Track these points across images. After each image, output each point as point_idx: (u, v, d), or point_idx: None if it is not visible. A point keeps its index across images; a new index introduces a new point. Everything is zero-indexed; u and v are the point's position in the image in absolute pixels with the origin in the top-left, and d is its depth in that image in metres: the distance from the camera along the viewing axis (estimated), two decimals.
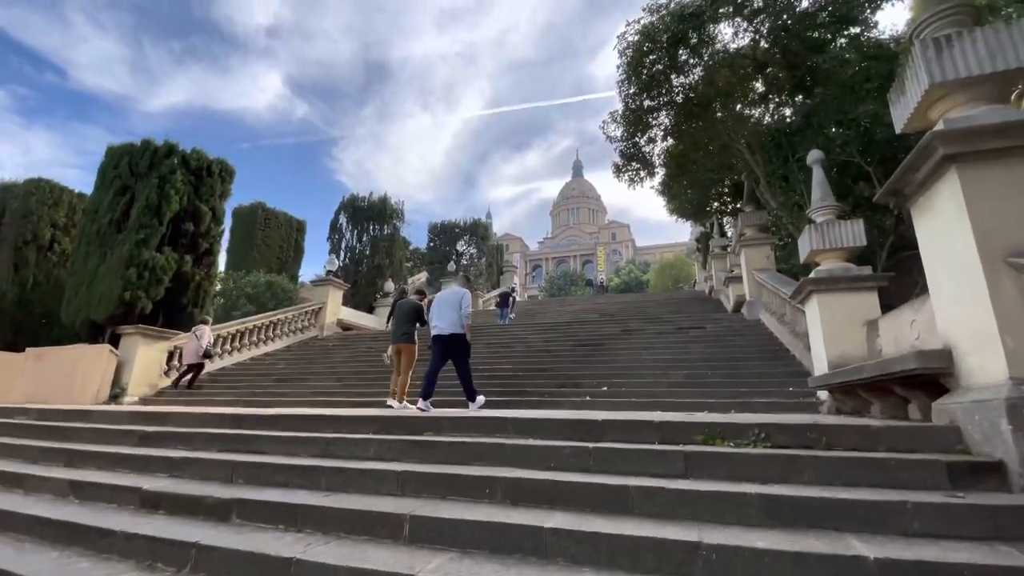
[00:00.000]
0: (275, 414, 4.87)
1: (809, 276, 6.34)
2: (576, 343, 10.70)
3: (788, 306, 8.86)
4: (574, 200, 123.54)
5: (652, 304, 20.54)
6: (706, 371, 7.91)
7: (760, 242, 11.68)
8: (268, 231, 21.09)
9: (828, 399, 5.92)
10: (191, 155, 12.31)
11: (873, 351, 5.69)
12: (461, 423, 4.09)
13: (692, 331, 10.74)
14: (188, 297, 12.05)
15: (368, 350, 12.54)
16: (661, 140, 12.22)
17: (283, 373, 11.20)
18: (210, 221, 12.40)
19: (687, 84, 10.95)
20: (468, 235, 28.45)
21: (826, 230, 6.36)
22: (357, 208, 19.63)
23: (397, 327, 7.19)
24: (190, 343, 10.49)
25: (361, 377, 9.99)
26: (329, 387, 9.60)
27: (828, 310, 6.10)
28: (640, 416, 4.08)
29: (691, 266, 57.90)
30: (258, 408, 8.55)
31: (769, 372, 7.57)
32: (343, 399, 8.58)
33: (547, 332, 12.63)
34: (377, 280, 19.15)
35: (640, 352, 9.38)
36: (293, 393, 9.42)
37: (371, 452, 3.82)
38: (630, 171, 12.99)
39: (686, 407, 6.45)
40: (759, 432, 3.33)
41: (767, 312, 10.52)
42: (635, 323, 12.66)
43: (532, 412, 5.26)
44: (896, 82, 3.92)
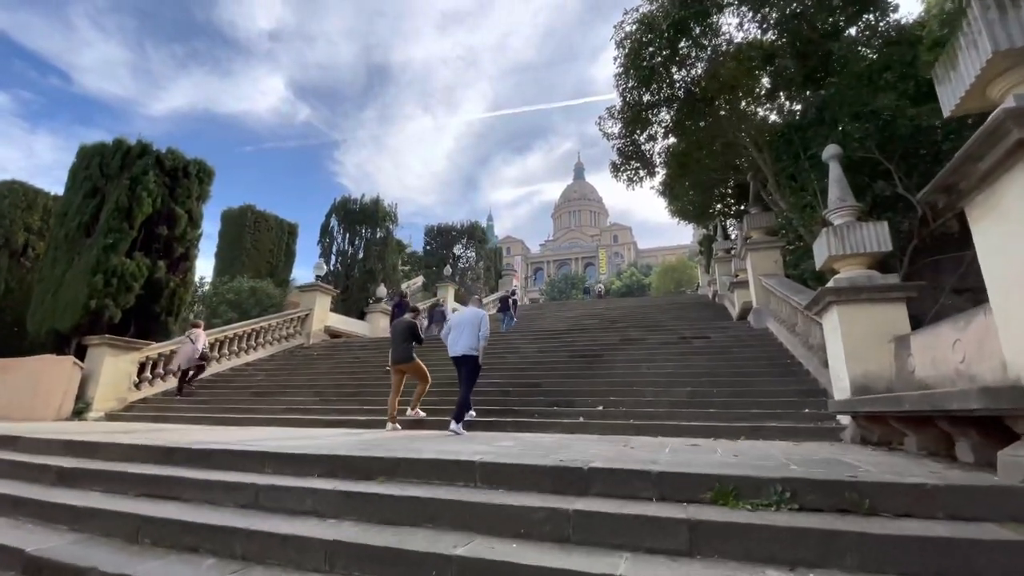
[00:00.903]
0: (211, 448, 4.20)
1: (828, 285, 5.66)
2: (572, 354, 10.02)
3: (800, 316, 8.16)
4: (575, 202, 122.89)
5: (654, 309, 19.82)
6: (711, 388, 7.21)
7: (767, 246, 10.97)
8: (258, 234, 20.46)
9: (851, 425, 5.22)
10: (166, 155, 11.66)
11: (903, 371, 4.99)
12: (421, 465, 3.41)
13: (696, 341, 10.04)
14: (162, 305, 11.40)
15: (354, 361, 11.89)
16: (662, 138, 11.52)
17: (261, 386, 10.54)
18: (186, 224, 11.75)
19: (689, 78, 10.28)
20: (465, 238, 27.78)
21: (846, 233, 5.67)
22: (349, 210, 18.98)
23: (394, 347, 7.16)
24: (184, 347, 10.28)
25: (340, 391, 9.32)
26: (305, 402, 8.93)
27: (850, 323, 5.41)
28: (635, 461, 3.39)
29: (693, 269, 57.06)
30: (226, 427, 7.93)
31: (781, 390, 6.87)
32: (317, 416, 7.91)
33: (543, 341, 11.95)
34: (369, 285, 18.49)
35: (640, 365, 8.69)
36: (266, 409, 8.76)
37: (307, 505, 3.15)
38: (629, 170, 12.27)
39: (689, 432, 5.76)
40: (782, 489, 2.64)
41: (776, 320, 9.81)
42: (636, 331, 11.96)
43: (510, 445, 4.58)
44: (945, 55, 3.24)
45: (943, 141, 7.00)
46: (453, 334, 6.53)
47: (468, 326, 6.45)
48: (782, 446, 4.79)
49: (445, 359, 9.93)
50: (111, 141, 11.48)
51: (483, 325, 6.45)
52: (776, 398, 6.61)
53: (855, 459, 3.65)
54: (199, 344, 10.32)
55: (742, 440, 5.36)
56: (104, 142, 11.59)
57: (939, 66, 3.31)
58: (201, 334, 10.49)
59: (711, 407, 6.52)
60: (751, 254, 11.11)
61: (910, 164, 7.48)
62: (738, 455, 3.82)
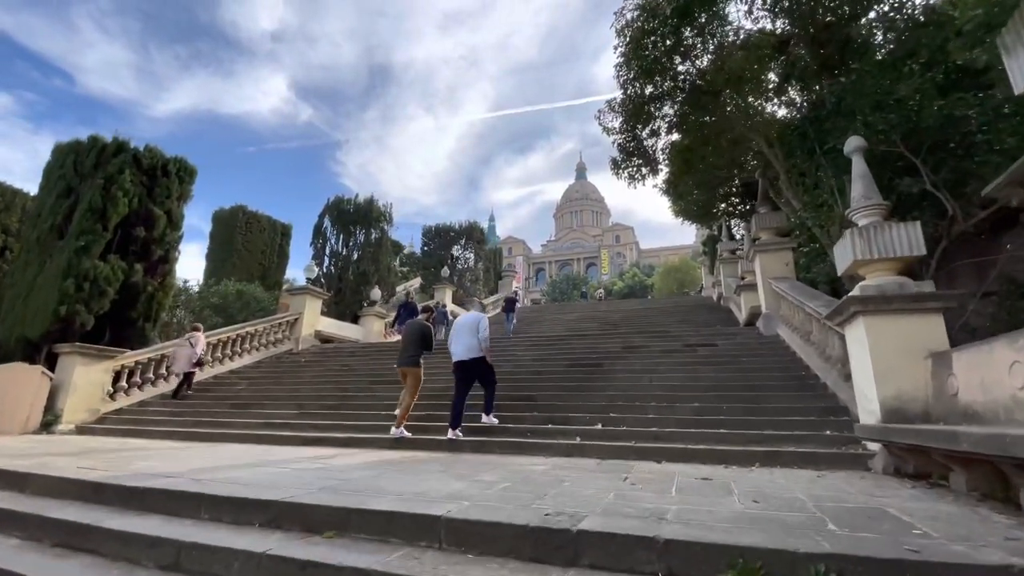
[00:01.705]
0: (145, 487, 3.64)
1: (853, 293, 5.06)
2: (571, 363, 9.43)
3: (815, 323, 7.56)
4: (577, 202, 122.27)
5: (657, 312, 19.22)
6: (720, 403, 6.61)
7: (778, 247, 10.36)
8: (250, 235, 19.92)
9: (882, 453, 4.62)
10: (144, 153, 11.08)
11: (942, 393, 4.40)
12: (378, 519, 2.84)
13: (702, 349, 9.45)
14: (139, 310, 10.84)
15: (341, 369, 11.32)
16: (665, 133, 10.89)
17: (241, 397, 9.98)
18: (165, 225, 11.18)
19: (694, 70, 9.66)
20: (464, 239, 27.18)
21: (873, 235, 5.07)
22: (342, 211, 18.41)
23: (403, 349, 7.01)
24: (183, 350, 10.10)
25: (323, 403, 8.75)
26: (285, 416, 8.36)
27: (879, 336, 4.81)
28: (636, 515, 2.80)
29: (696, 270, 56.33)
30: (195, 444, 7.39)
31: (797, 407, 6.27)
32: (294, 433, 7.35)
33: (540, 348, 11.36)
34: (362, 287, 17.93)
35: (642, 376, 8.10)
36: (242, 424, 8.20)
37: (234, 571, 2.57)
38: (630, 167, 11.62)
39: (697, 457, 5.18)
40: (825, 570, 2.05)
41: (787, 327, 9.21)
42: (638, 337, 11.37)
43: (492, 481, 4.00)
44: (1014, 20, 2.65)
45: (976, 133, 6.40)
46: (454, 340, 6.63)
47: (466, 330, 6.57)
48: (805, 479, 4.20)
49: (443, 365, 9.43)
50: (86, 138, 10.94)
51: (481, 327, 6.52)
52: (792, 416, 6.01)
53: (900, 507, 3.06)
54: (198, 348, 10.14)
55: (756, 468, 4.78)
56: (79, 140, 11.02)
57: (1007, 34, 2.72)
58: (200, 337, 10.34)
59: (721, 426, 5.92)
60: (760, 256, 10.51)
61: (938, 159, 6.86)
62: (759, 500, 3.23)
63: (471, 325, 6.61)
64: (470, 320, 6.72)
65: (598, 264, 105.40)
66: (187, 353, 10.08)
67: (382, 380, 9.81)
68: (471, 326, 6.60)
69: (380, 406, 8.14)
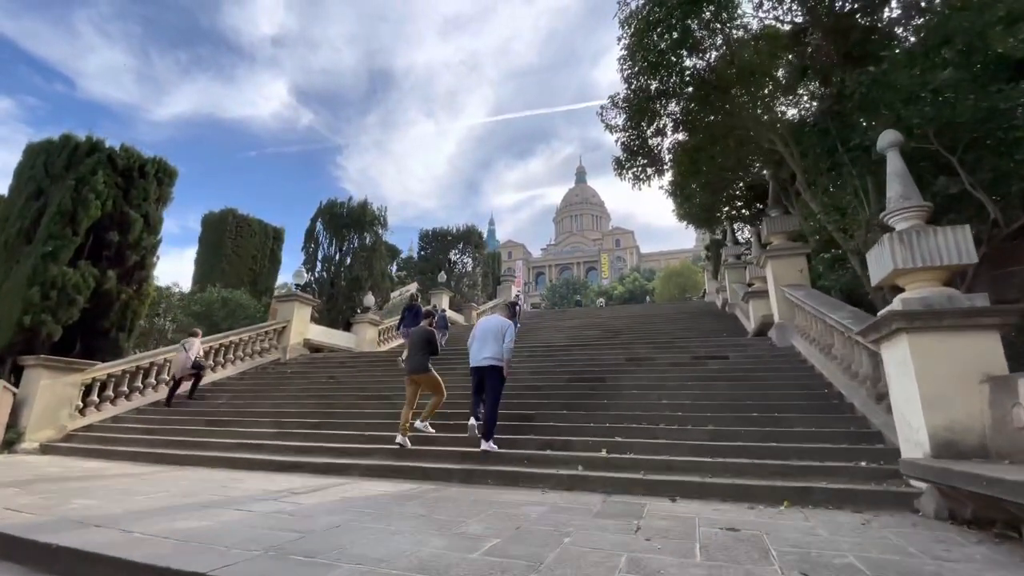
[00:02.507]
0: (57, 546, 3.01)
1: (894, 307, 4.45)
2: (572, 377, 8.80)
3: (838, 336, 6.94)
4: (577, 206, 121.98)
5: (660, 319, 18.60)
6: (737, 425, 5.99)
7: (791, 253, 9.75)
8: (240, 240, 19.31)
9: (932, 494, 3.98)
10: (119, 153, 10.45)
11: (1004, 425, 3.77)
12: None
13: (712, 362, 8.82)
14: (112, 319, 10.19)
15: (327, 382, 10.69)
16: (672, 132, 10.26)
17: (219, 412, 9.34)
18: (141, 230, 10.55)
19: (703, 64, 9.08)
20: (461, 243, 26.57)
21: (916, 241, 4.46)
22: (335, 214, 17.82)
23: (410, 356, 6.83)
24: (179, 355, 9.99)
25: (303, 421, 8.10)
26: (262, 435, 7.73)
27: (927, 358, 4.19)
28: None
29: (698, 274, 55.74)
30: (160, 467, 6.76)
31: (823, 431, 5.64)
32: (268, 456, 6.71)
33: (538, 359, 10.75)
34: (355, 293, 17.30)
35: (649, 393, 7.47)
36: (215, 444, 7.56)
37: None
38: (635, 167, 10.95)
39: (717, 493, 4.55)
40: None
41: (803, 339, 8.60)
42: (642, 347, 10.76)
43: (477, 534, 3.37)
44: None
45: (1019, 128, 5.79)
46: (476, 344, 6.29)
47: (492, 335, 6.21)
48: (848, 527, 3.57)
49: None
50: (58, 137, 10.34)
51: (508, 335, 6.21)
52: (819, 443, 5.38)
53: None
54: (192, 352, 9.95)
55: (786, 509, 4.15)
56: (52, 138, 10.42)
57: None
58: (196, 342, 10.18)
59: (740, 454, 5.29)
60: (772, 262, 9.89)
61: (976, 156, 6.25)
62: (808, 574, 2.60)
63: (497, 331, 6.24)
64: (498, 325, 6.32)
65: (598, 268, 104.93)
66: (181, 359, 9.94)
67: (370, 395, 9.20)
68: (498, 332, 6.23)
69: (364, 425, 7.53)
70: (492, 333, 6.27)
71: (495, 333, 6.26)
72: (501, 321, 6.41)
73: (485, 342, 6.24)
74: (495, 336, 6.23)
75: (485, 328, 6.39)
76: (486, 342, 6.23)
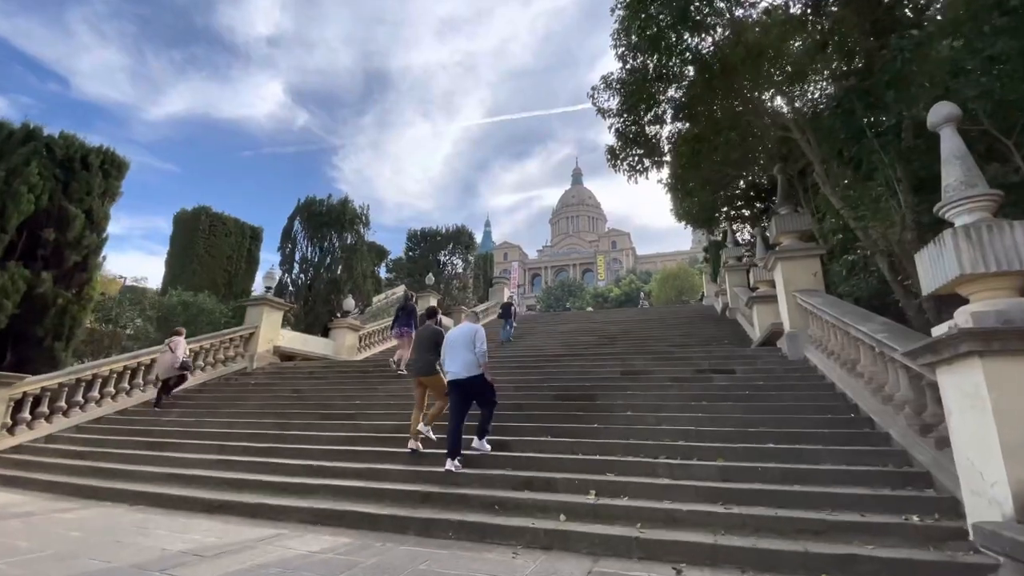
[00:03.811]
0: None
1: (964, 324, 3.48)
2: (560, 394, 7.80)
3: (866, 351, 5.98)
4: (573, 208, 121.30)
5: (658, 324, 17.65)
6: (752, 460, 5.01)
7: (804, 254, 8.79)
8: (213, 239, 18.21)
9: (1012, 568, 3.02)
10: (58, 141, 9.40)
11: None
12: None
13: (717, 377, 7.84)
14: (46, 326, 9.13)
15: (290, 396, 9.65)
16: (671, 120, 9.28)
17: (162, 431, 8.28)
18: (83, 227, 9.47)
19: (707, 44, 8.12)
20: (451, 244, 25.53)
21: (988, 238, 3.47)
22: (313, 213, 16.79)
23: (417, 357, 6.51)
24: (164, 356, 9.66)
25: (251, 446, 7.05)
26: (200, 463, 6.70)
27: (1010, 390, 3.23)
28: None
29: (695, 276, 54.90)
30: (73, 502, 5.73)
31: (857, 470, 4.66)
32: (195, 494, 5.69)
33: (525, 370, 9.74)
34: (332, 296, 16.27)
35: (647, 415, 6.47)
36: (143, 475, 6.53)
37: None
38: (630, 158, 9.92)
39: (734, 559, 3.57)
40: None
41: (820, 351, 7.64)
42: (639, 359, 9.77)
43: None
44: None
45: None
46: (448, 356, 5.91)
47: (461, 344, 5.84)
48: None
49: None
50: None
51: (478, 340, 5.81)
52: (855, 487, 4.41)
53: None
54: (179, 352, 9.65)
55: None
56: None
57: None
58: (181, 341, 9.88)
59: (758, 500, 4.30)
60: (782, 264, 8.93)
61: None
62: None
63: (466, 338, 5.86)
64: (464, 333, 5.94)
65: (594, 270, 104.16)
66: (167, 359, 9.56)
67: (333, 413, 8.17)
68: (466, 339, 5.85)
69: (319, 453, 6.50)
70: (462, 342, 5.86)
71: (465, 341, 5.85)
72: (469, 327, 6.02)
73: (455, 353, 5.85)
74: (466, 344, 5.83)
75: (454, 338, 6.00)
76: (456, 352, 5.85)
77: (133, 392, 10.15)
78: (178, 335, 10.01)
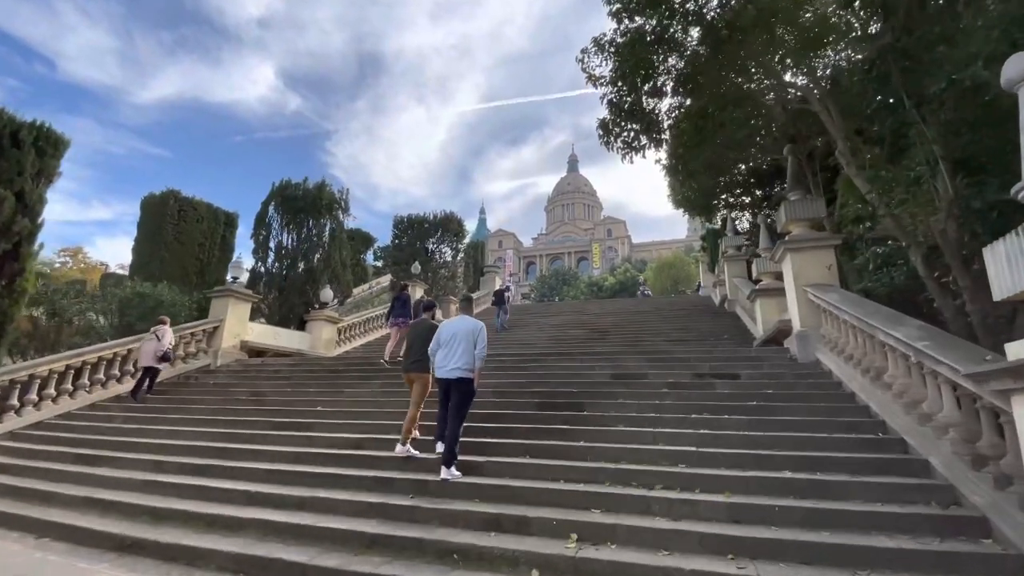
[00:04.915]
0: None
1: None
2: (543, 401, 6.95)
3: (896, 358, 5.14)
4: (569, 195, 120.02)
5: (652, 316, 16.84)
6: (767, 494, 4.17)
7: (816, 244, 7.94)
8: (183, 225, 17.15)
9: None
10: None
11: None
12: None
13: (719, 383, 7.01)
14: None
15: (249, 399, 8.75)
16: (672, 92, 8.25)
17: (100, 440, 7.38)
18: (13, 211, 8.44)
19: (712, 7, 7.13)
20: (440, 231, 24.52)
21: None
22: (287, 198, 15.73)
23: (413, 352, 5.93)
24: (147, 344, 9.27)
25: (188, 463, 6.15)
26: (126, 483, 5.81)
27: None
28: None
29: (691, 265, 54.10)
30: None
31: (897, 513, 3.83)
32: (107, 528, 4.80)
33: (507, 372, 8.87)
34: (308, 287, 15.30)
35: (642, 430, 5.62)
36: (64, 499, 5.63)
37: None
38: (624, 133, 8.89)
39: None
40: None
41: (835, 354, 6.81)
42: (632, 358, 8.94)
43: None
44: None
45: None
46: (443, 351, 5.31)
47: (463, 341, 5.23)
48: None
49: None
50: None
51: (480, 339, 5.26)
52: (895, 535, 3.58)
53: None
54: (165, 341, 9.28)
55: None
56: None
57: None
58: (168, 330, 9.53)
59: (780, 554, 3.47)
60: (792, 255, 8.07)
61: None
62: None
63: (469, 334, 5.25)
64: (468, 328, 5.32)
65: (589, 258, 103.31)
66: (152, 347, 9.18)
67: (289, 422, 7.28)
68: (469, 337, 5.24)
69: (261, 474, 5.61)
70: (462, 338, 5.25)
71: (466, 338, 5.24)
72: (473, 323, 5.43)
73: (453, 349, 5.23)
74: (466, 341, 5.23)
75: (453, 331, 5.33)
76: (454, 349, 5.22)
77: (77, 394, 9.24)
78: (163, 323, 9.67)
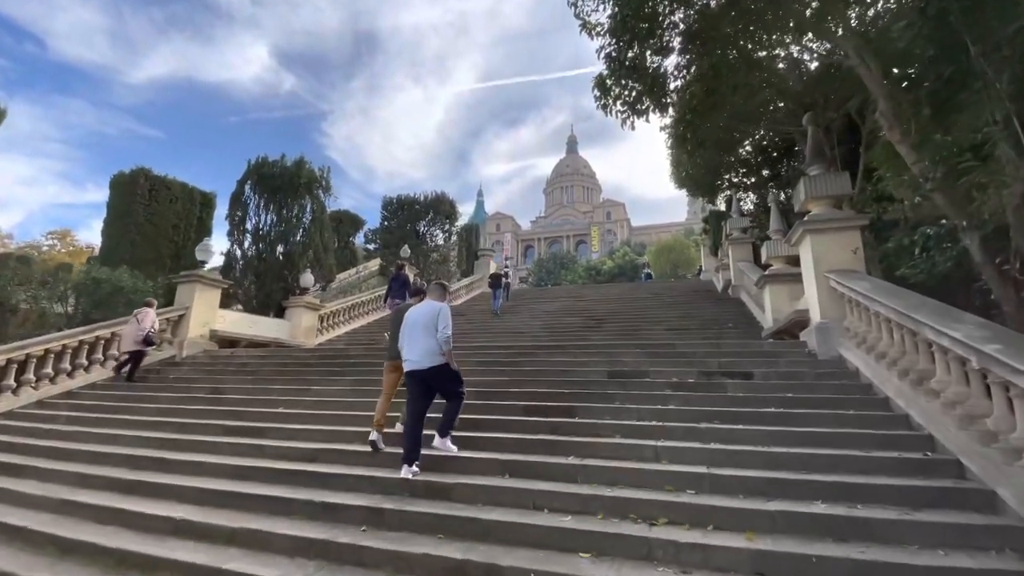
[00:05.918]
0: None
1: None
2: (530, 405, 6.09)
3: (948, 364, 4.29)
4: (568, 177, 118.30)
5: (652, 302, 15.97)
6: (799, 536, 3.36)
7: (841, 225, 7.04)
8: (156, 206, 16.14)
9: None
10: None
11: None
12: None
13: (730, 383, 6.17)
14: None
15: (208, 396, 7.91)
16: (680, 50, 7.18)
17: (29, 445, 6.56)
18: None
19: None
20: (430, 212, 23.50)
21: None
22: (264, 176, 14.70)
23: (391, 338, 5.50)
24: (129, 327, 9.13)
25: (117, 478, 5.32)
26: (45, 504, 4.99)
27: None
28: None
29: (691, 248, 53.16)
30: None
31: (963, 567, 3.01)
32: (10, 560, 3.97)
33: (491, 368, 8.03)
34: (287, 271, 14.39)
35: (643, 446, 4.78)
36: None
37: None
38: (626, 93, 7.77)
39: None
40: None
41: (863, 351, 5.96)
42: (631, 352, 8.09)
43: None
44: None
45: None
46: (405, 341, 5.00)
47: (421, 328, 4.91)
48: None
49: None
50: None
51: (441, 321, 4.88)
52: None
53: None
54: (145, 323, 9.05)
55: None
56: None
57: None
58: (151, 312, 9.32)
59: None
60: (811, 237, 7.17)
61: None
62: None
63: (427, 319, 4.91)
64: (425, 313, 4.98)
65: (588, 242, 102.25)
66: (132, 331, 9.01)
67: (242, 427, 6.43)
68: (427, 321, 4.90)
69: (194, 494, 4.79)
70: (422, 325, 4.90)
71: (425, 324, 4.89)
72: (432, 306, 5.06)
73: (415, 337, 4.88)
74: (426, 328, 4.87)
75: (413, 320, 5.00)
76: (416, 337, 4.88)
77: (21, 390, 8.41)
78: (149, 306, 9.48)
